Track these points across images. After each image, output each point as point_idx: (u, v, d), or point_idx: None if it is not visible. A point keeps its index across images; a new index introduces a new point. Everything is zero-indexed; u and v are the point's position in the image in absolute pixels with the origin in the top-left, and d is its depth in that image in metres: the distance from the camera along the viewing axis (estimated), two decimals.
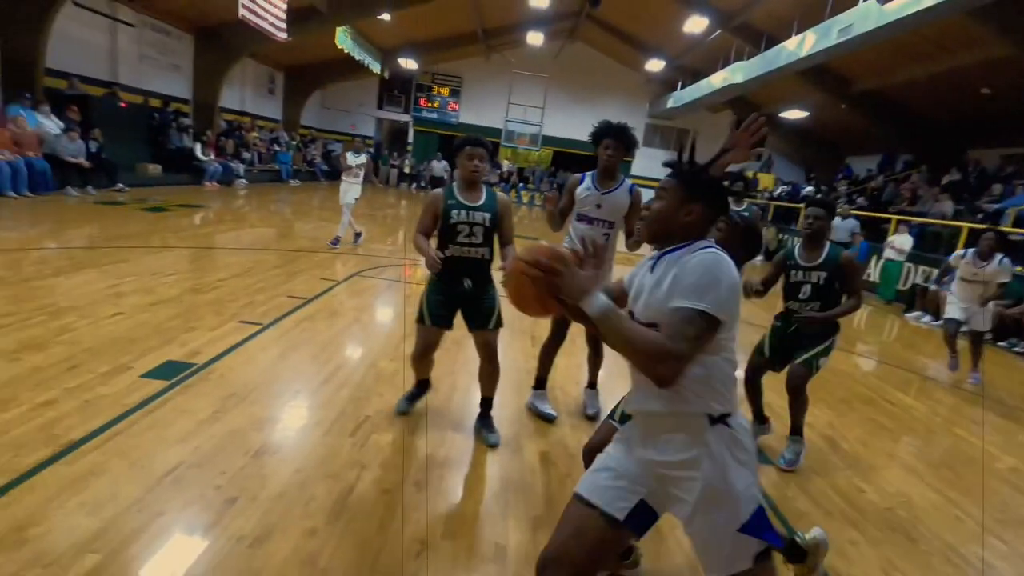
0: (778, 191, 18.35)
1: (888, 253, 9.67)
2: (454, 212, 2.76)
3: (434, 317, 2.84)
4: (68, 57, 11.07)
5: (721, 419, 1.33)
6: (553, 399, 3.56)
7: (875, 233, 11.11)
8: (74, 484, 2.13)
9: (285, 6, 11.98)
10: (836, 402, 4.36)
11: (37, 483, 2.12)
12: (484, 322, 2.86)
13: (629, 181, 3.23)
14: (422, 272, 2.71)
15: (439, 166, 20.81)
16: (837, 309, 3.02)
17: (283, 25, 12.12)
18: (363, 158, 7.81)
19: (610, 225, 3.21)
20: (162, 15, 13.49)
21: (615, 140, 3.09)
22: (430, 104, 23.23)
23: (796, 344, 3.15)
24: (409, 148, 23.58)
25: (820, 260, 3.06)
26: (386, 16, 15.46)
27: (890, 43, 9.84)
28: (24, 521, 1.92)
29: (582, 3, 17.24)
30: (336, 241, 7.71)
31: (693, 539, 1.36)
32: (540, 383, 3.44)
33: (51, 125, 9.48)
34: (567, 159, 23.33)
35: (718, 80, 15.58)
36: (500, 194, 2.95)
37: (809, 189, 16.61)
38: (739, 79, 14.31)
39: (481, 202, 2.81)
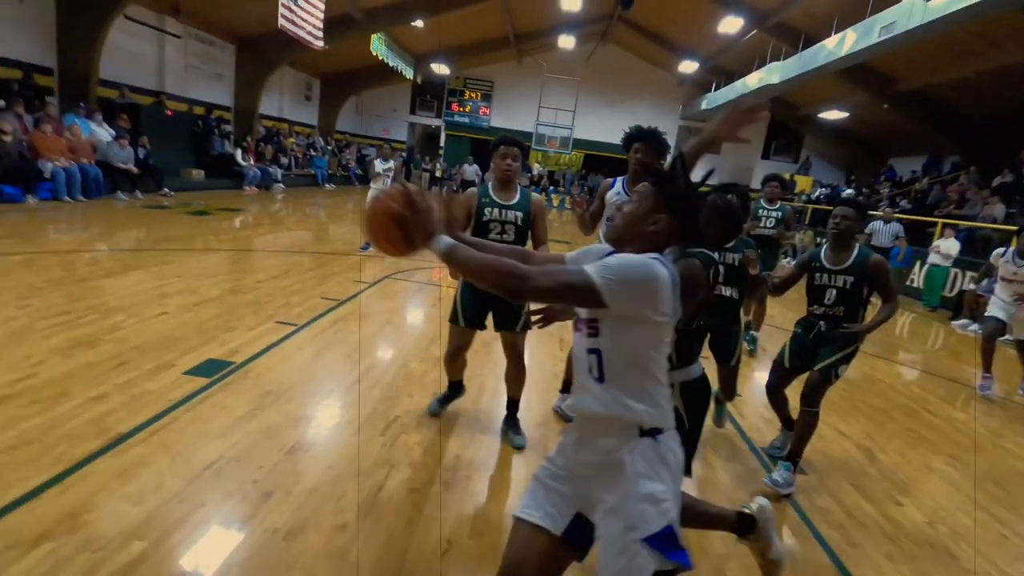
0: (816, 193, 17.87)
1: (933, 258, 9.31)
2: (487, 209, 2.81)
3: (467, 317, 2.89)
4: (119, 68, 11.62)
5: (651, 432, 1.34)
6: None
7: (919, 237, 10.71)
8: (122, 475, 2.25)
9: (322, 15, 12.31)
10: (875, 412, 4.23)
11: (89, 472, 2.25)
12: (512, 324, 2.89)
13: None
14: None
15: (471, 170, 20.99)
16: (878, 318, 2.86)
17: (320, 34, 12.45)
18: (391, 164, 7.94)
19: None
20: (206, 26, 14.03)
21: (645, 144, 3.07)
22: (462, 109, 23.47)
23: (817, 351, 3.02)
24: (440, 152, 23.86)
25: (848, 263, 2.88)
26: (419, 23, 15.72)
27: (936, 40, 9.50)
28: (77, 508, 2.04)
29: (614, 5, 17.18)
30: (367, 245, 7.87)
31: (599, 543, 1.36)
32: (567, 386, 3.46)
33: (103, 133, 9.98)
34: (598, 162, 23.24)
35: (753, 81, 15.30)
36: (534, 195, 2.98)
37: (849, 191, 16.13)
38: (775, 79, 14.01)
39: (514, 201, 2.85)
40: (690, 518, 1.82)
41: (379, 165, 7.86)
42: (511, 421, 3.04)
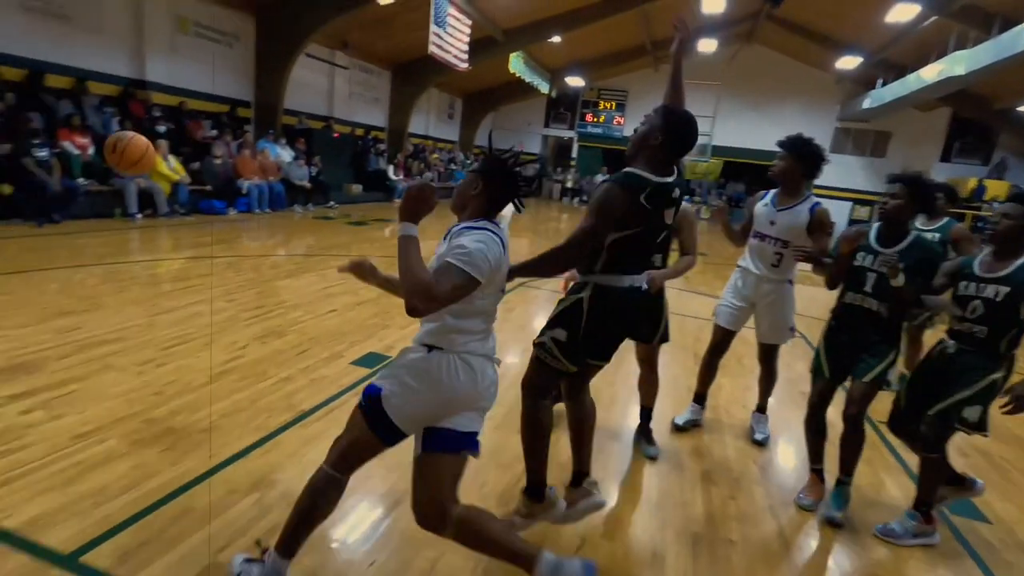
0: None
1: None
2: None
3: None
4: (299, 98, 13.48)
5: (431, 348, 1.69)
6: (716, 421, 3.46)
7: None
8: (308, 443, 2.67)
9: (467, 40, 13.18)
10: None
11: (282, 440, 2.70)
12: (651, 335, 2.91)
13: (814, 199, 3.03)
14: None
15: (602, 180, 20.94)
16: None
17: (465, 57, 13.34)
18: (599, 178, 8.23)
19: (783, 244, 3.04)
20: (368, 57, 15.74)
21: (787, 152, 2.95)
22: (595, 119, 23.56)
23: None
24: (573, 163, 24.14)
25: (1007, 271, 2.27)
26: (556, 38, 16.14)
27: None
28: (275, 467, 2.47)
29: (761, 4, 16.17)
30: None
31: None
32: (700, 398, 3.38)
33: (286, 155, 11.63)
34: (739, 169, 21.91)
35: (931, 74, 13.43)
36: (685, 205, 2.95)
37: None
38: (961, 71, 12.18)
39: None
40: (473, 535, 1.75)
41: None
42: (644, 430, 3.05)
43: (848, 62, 16.93)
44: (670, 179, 2.06)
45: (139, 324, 3.98)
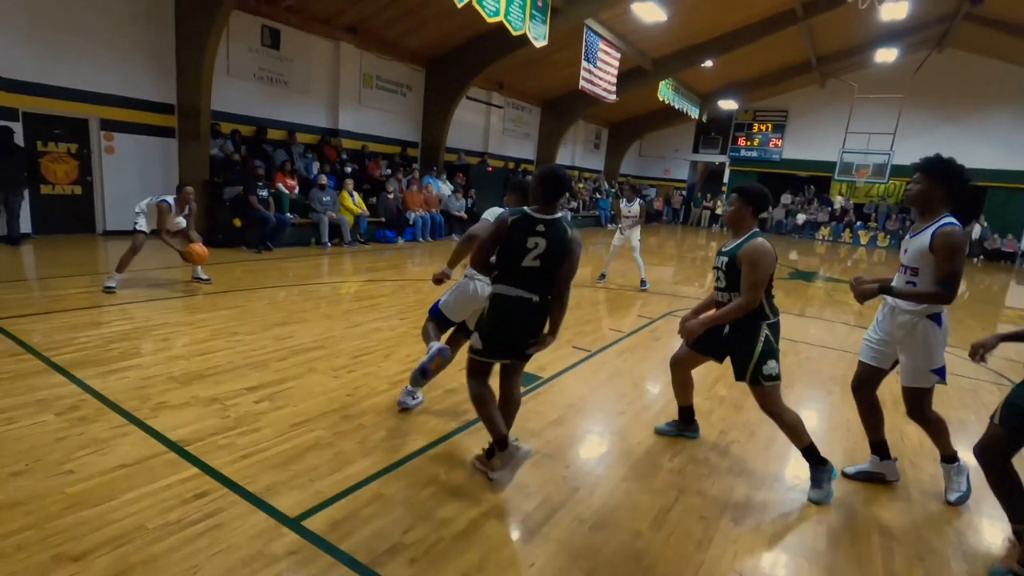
0: None
1: None
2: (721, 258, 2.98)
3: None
4: (459, 136, 14.77)
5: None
6: (902, 473, 3.09)
7: None
8: (471, 451, 2.95)
9: (616, 72, 13.44)
10: None
11: (451, 444, 3.02)
12: (739, 374, 2.86)
13: (948, 218, 2.59)
14: None
15: None
16: None
17: (613, 88, 13.59)
18: (635, 207, 8.13)
19: (913, 272, 2.68)
20: (520, 95, 16.76)
21: (924, 174, 2.64)
22: (749, 143, 22.30)
23: None
24: (724, 189, 23.01)
25: None
26: (709, 63, 15.72)
27: None
28: (445, 468, 2.77)
29: (958, 4, 14.21)
30: (603, 277, 8.30)
31: None
32: (879, 448, 3.03)
33: (446, 189, 12.78)
34: None
35: None
36: (754, 240, 2.77)
37: None
38: None
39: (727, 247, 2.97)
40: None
41: (624, 207, 8.20)
42: (811, 472, 2.84)
43: None
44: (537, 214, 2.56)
45: (334, 335, 4.69)
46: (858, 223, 19.97)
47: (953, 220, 2.57)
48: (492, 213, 3.30)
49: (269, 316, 5.14)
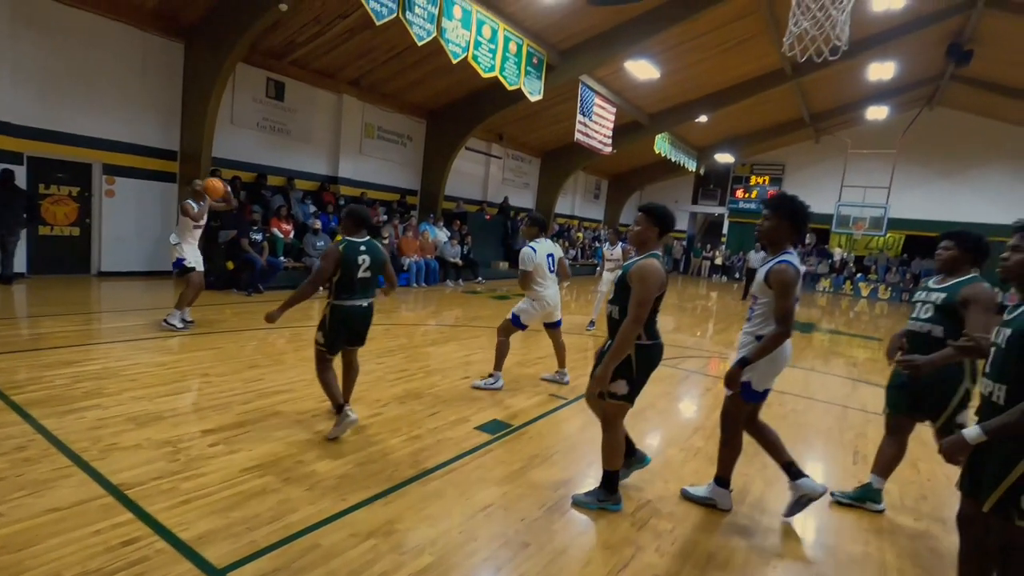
0: None
1: None
2: None
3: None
4: (457, 185, 15.08)
5: None
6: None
7: None
8: (424, 500, 2.83)
9: (612, 126, 13.81)
10: None
11: (405, 492, 2.90)
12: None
13: (783, 257, 2.71)
14: None
15: (757, 257, 19.70)
16: None
17: (609, 142, 13.93)
18: (617, 251, 8.37)
19: (754, 299, 2.82)
20: (519, 146, 17.21)
21: (770, 210, 2.79)
22: (747, 195, 22.63)
23: None
24: (723, 240, 23.18)
25: None
26: (703, 118, 16.15)
27: None
28: (394, 518, 2.64)
29: (943, 65, 14.66)
30: (592, 324, 8.35)
31: None
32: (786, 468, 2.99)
33: (442, 235, 12.92)
34: (925, 244, 19.15)
35: None
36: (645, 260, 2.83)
37: None
38: None
39: None
40: None
41: (607, 251, 8.52)
42: (601, 486, 2.94)
43: None
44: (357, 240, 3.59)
45: (305, 379, 4.62)
46: (858, 275, 19.92)
47: (788, 258, 2.69)
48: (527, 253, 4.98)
49: (246, 358, 5.09)
